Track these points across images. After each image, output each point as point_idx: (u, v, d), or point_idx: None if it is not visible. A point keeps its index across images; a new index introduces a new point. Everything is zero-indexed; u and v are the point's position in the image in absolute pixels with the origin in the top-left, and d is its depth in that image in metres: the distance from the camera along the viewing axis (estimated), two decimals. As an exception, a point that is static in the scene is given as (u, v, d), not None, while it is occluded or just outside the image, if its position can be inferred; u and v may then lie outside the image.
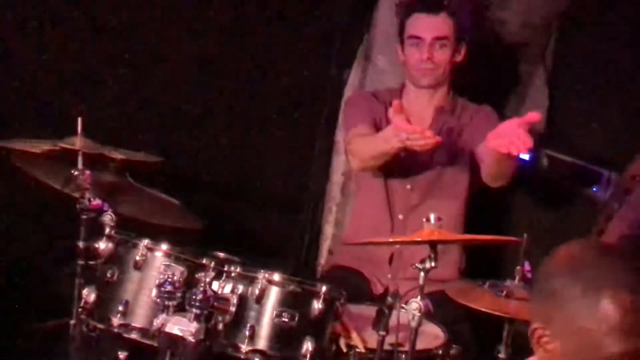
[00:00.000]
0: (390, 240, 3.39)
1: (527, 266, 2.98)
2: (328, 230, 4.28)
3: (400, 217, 3.74)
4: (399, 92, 3.86)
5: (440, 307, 3.29)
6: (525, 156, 4.03)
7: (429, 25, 3.65)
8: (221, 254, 2.98)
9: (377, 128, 3.74)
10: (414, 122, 3.62)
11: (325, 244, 4.25)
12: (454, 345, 3.14)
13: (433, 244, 2.88)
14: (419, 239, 2.95)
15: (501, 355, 3.02)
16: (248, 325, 2.84)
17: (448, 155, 3.74)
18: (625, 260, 1.86)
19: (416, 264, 2.89)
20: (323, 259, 4.23)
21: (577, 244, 1.97)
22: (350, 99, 4.08)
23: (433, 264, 2.86)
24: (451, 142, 3.73)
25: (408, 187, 3.78)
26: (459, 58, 3.75)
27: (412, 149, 3.50)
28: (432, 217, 2.94)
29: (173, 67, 4.04)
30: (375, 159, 3.67)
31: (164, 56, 4.03)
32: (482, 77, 3.90)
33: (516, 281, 3.01)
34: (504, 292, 3.03)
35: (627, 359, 1.75)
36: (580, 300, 1.76)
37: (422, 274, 2.87)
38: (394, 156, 3.59)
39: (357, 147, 3.77)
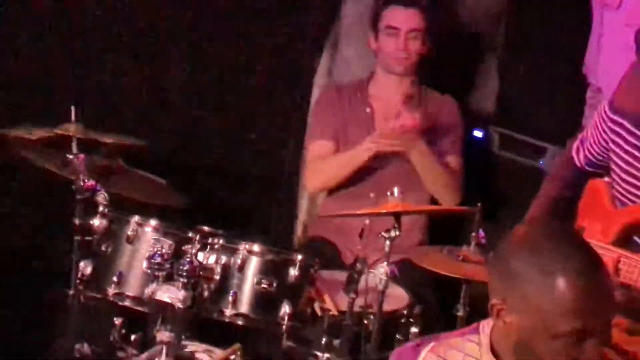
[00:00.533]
0: (358, 212, 3.29)
1: (481, 233, 2.97)
2: (303, 205, 4.24)
3: (372, 195, 3.64)
4: (366, 82, 3.83)
5: (405, 273, 3.23)
6: (479, 134, 4.04)
7: (405, 18, 3.65)
8: (205, 228, 2.96)
9: (339, 132, 3.73)
10: (384, 109, 3.71)
11: (301, 218, 4.23)
12: (417, 306, 3.15)
13: (397, 215, 2.90)
14: (384, 211, 2.97)
15: (459, 314, 3.02)
16: (231, 292, 2.87)
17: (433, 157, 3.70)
18: (578, 245, 1.84)
19: (382, 233, 2.90)
20: (299, 231, 4.20)
21: (534, 226, 1.98)
22: (316, 103, 4.00)
23: (397, 233, 2.90)
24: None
25: (378, 170, 3.71)
26: (426, 50, 3.71)
27: (382, 153, 3.56)
28: (395, 190, 2.98)
29: (159, 60, 3.98)
30: (339, 177, 3.69)
31: (152, 49, 3.98)
32: (440, 64, 3.88)
33: (472, 246, 3.00)
34: (461, 257, 3.04)
35: (577, 336, 1.74)
36: (537, 282, 1.74)
37: (387, 242, 2.88)
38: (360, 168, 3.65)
39: (317, 170, 3.79)
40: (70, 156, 2.94)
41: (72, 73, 3.66)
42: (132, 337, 2.99)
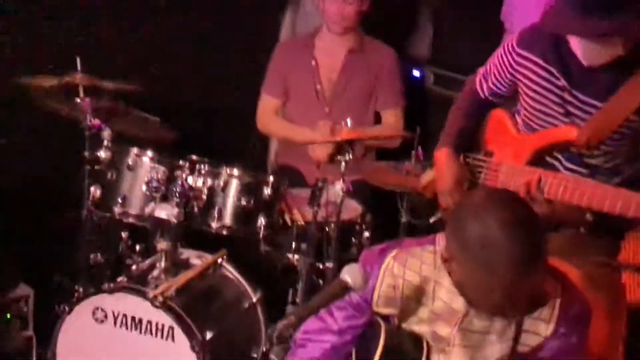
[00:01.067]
0: (318, 141, 3.37)
1: (419, 151, 2.99)
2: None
3: (327, 109, 3.63)
4: (313, 37, 3.71)
5: (358, 188, 3.27)
6: (417, 73, 3.96)
7: None
8: (193, 156, 2.99)
9: (285, 87, 3.67)
10: (328, 62, 3.62)
11: (273, 147, 4.20)
12: (368, 215, 3.21)
13: (350, 142, 2.92)
14: (338, 139, 2.98)
15: (403, 219, 3.08)
16: (216, 208, 2.92)
17: (359, 90, 3.63)
18: (514, 209, 1.79)
19: (338, 156, 2.93)
20: (272, 157, 4.18)
21: (479, 195, 1.92)
22: (271, 58, 3.79)
23: (351, 157, 2.91)
24: (361, 78, 3.62)
25: (326, 109, 3.63)
26: (365, 7, 3.57)
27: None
28: (348, 121, 2.99)
29: (154, 17, 3.85)
30: (283, 138, 3.73)
31: (144, 10, 3.82)
32: (379, 13, 3.75)
33: (412, 162, 3.02)
34: (404, 171, 3.08)
35: (507, 305, 1.77)
36: (478, 257, 1.71)
37: (342, 163, 2.90)
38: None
39: (266, 124, 3.74)
40: (78, 100, 2.95)
41: (76, 28, 3.55)
42: (137, 247, 3.07)
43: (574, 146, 2.36)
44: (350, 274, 1.78)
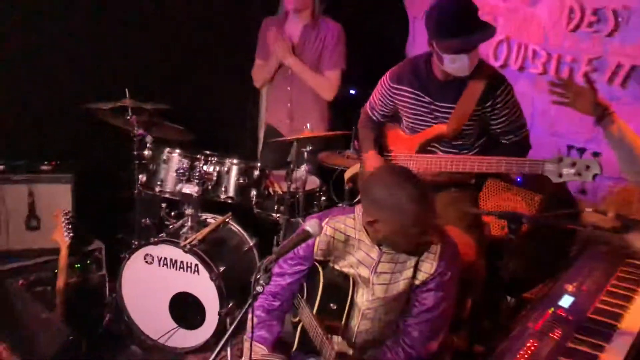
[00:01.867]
0: (288, 139, 3.23)
1: (355, 142, 3.03)
2: (261, 134, 4.17)
3: (289, 104, 3.58)
4: (285, 15, 3.53)
5: (319, 167, 3.37)
6: (352, 91, 3.85)
7: None
8: (207, 152, 3.04)
9: (268, 49, 3.53)
10: (290, 33, 3.48)
11: (262, 112, 4.19)
12: (324, 186, 3.33)
13: (310, 139, 3.05)
14: (303, 136, 3.04)
15: (346, 188, 3.17)
16: (223, 185, 3.01)
17: (311, 55, 3.47)
18: (412, 180, 1.86)
19: (302, 149, 3.04)
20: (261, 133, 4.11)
21: (384, 168, 2.04)
22: (260, 29, 3.61)
23: (311, 147, 3.06)
24: (312, 46, 3.46)
25: (288, 88, 3.57)
26: None
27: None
28: (308, 125, 3.12)
29: (174, 52, 3.80)
30: (267, 78, 3.59)
31: (171, 47, 3.77)
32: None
33: (351, 150, 3.16)
34: (347, 156, 3.25)
35: (420, 233, 1.85)
36: (391, 207, 1.79)
37: (305, 153, 3.06)
38: (276, 70, 3.51)
39: (256, 76, 3.65)
40: (128, 117, 3.01)
41: (124, 66, 3.52)
42: (172, 213, 3.19)
43: (445, 137, 2.46)
44: (310, 226, 1.82)
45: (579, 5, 3.29)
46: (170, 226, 3.13)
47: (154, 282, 2.92)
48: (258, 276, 1.61)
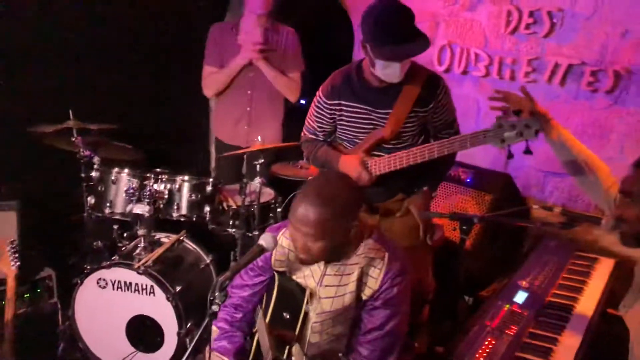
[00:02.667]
0: (240, 151, 3.18)
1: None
2: (212, 151, 4.08)
3: (248, 109, 3.54)
4: (239, 20, 3.51)
5: (273, 179, 3.37)
6: (303, 101, 3.71)
7: None
8: (157, 170, 3.00)
9: (220, 59, 3.47)
10: (250, 39, 3.43)
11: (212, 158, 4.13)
12: (279, 197, 3.32)
13: (263, 150, 3.05)
14: (254, 149, 3.05)
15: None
16: (175, 203, 2.98)
17: (273, 58, 3.46)
18: (354, 190, 1.89)
19: (254, 162, 3.04)
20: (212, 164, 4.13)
21: (321, 178, 1.96)
22: (209, 35, 3.53)
23: (262, 161, 3.06)
24: (276, 55, 3.48)
25: (249, 92, 3.52)
26: None
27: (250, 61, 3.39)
28: (259, 137, 3.13)
29: (125, 72, 3.75)
30: (225, 83, 3.50)
31: (118, 66, 3.70)
32: None
33: (304, 161, 3.18)
34: (300, 166, 3.33)
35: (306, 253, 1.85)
36: (334, 220, 1.78)
37: (258, 166, 3.03)
38: (237, 74, 3.45)
39: (210, 83, 3.53)
40: (73, 139, 2.94)
41: (68, 86, 3.45)
42: (124, 234, 3.13)
43: (385, 140, 2.45)
44: (264, 240, 1.84)
45: (516, 9, 3.40)
46: (123, 248, 3.08)
47: (109, 306, 2.86)
48: (213, 295, 1.59)
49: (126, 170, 2.98)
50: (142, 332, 2.85)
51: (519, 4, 3.40)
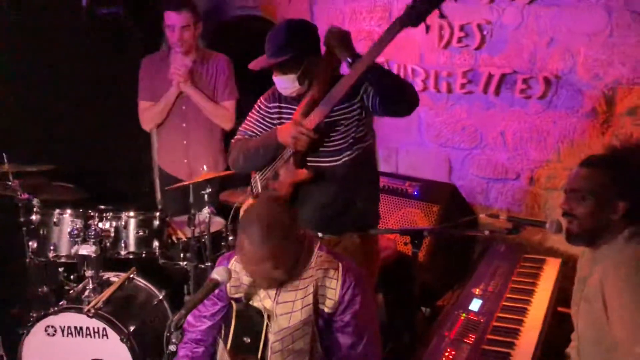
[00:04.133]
0: (187, 182, 3.19)
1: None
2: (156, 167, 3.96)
3: (185, 142, 3.53)
4: (168, 53, 3.51)
5: (222, 208, 3.30)
6: None
7: (177, 18, 3.31)
8: (101, 207, 2.97)
9: (154, 92, 3.48)
10: (177, 72, 3.41)
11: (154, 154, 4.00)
12: (229, 225, 3.21)
13: (209, 180, 3.07)
14: (200, 179, 3.07)
15: None
16: (122, 241, 2.95)
17: (205, 90, 3.46)
18: (287, 208, 1.91)
19: (202, 192, 3.04)
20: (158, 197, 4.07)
21: (254, 210, 1.91)
22: (140, 69, 3.54)
23: (210, 190, 3.07)
24: (205, 80, 3.47)
25: (184, 125, 3.53)
26: (199, 31, 3.45)
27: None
28: (204, 167, 3.15)
29: (57, 112, 3.68)
30: (161, 117, 3.50)
31: (51, 107, 3.65)
32: None
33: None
34: (243, 191, 3.02)
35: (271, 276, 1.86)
36: (285, 246, 1.80)
37: (206, 196, 3.05)
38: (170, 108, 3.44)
39: (146, 118, 3.54)
40: (10, 182, 2.90)
41: (2, 129, 3.37)
42: (71, 277, 3.06)
43: (316, 99, 2.33)
44: (218, 274, 1.85)
45: (447, 24, 3.51)
46: (71, 291, 2.98)
47: (59, 354, 2.78)
48: (168, 334, 1.57)
49: (68, 211, 2.93)
50: (97, 377, 2.76)
51: (450, 19, 3.51)
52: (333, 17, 3.94)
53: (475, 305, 2.40)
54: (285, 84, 2.36)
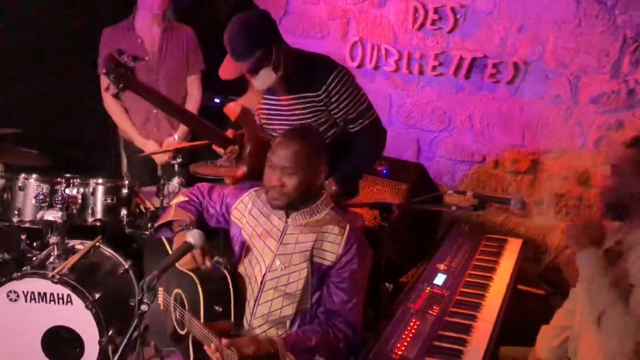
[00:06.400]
0: (160, 150, 3.26)
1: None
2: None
3: (155, 111, 3.45)
4: (132, 20, 3.42)
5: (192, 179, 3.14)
6: (217, 100, 3.76)
7: None
8: (67, 174, 2.93)
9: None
10: (149, 39, 3.40)
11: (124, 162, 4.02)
12: None
13: (178, 149, 3.09)
14: (172, 148, 3.11)
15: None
16: (90, 207, 2.91)
17: (176, 58, 3.47)
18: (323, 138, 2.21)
19: (171, 161, 3.05)
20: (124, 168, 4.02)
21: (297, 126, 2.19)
22: (102, 41, 3.44)
23: (180, 160, 3.05)
24: (176, 50, 3.46)
25: (154, 77, 3.42)
26: None
27: None
28: (175, 136, 3.14)
29: (21, 66, 3.61)
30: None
31: (18, 68, 3.57)
32: None
33: (224, 159, 2.93)
34: (219, 165, 3.07)
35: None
36: (308, 155, 1.99)
37: (176, 165, 3.03)
38: None
39: (110, 109, 3.49)
40: None
41: None
42: (34, 244, 2.96)
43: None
44: (192, 237, 1.88)
45: (422, 5, 3.55)
46: (34, 258, 2.90)
47: (21, 320, 2.73)
48: (140, 296, 1.58)
49: (34, 176, 2.88)
50: (60, 344, 2.74)
51: (425, 0, 3.55)
52: (308, -7, 3.93)
53: (439, 279, 2.46)
54: (263, 79, 2.35)
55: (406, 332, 2.07)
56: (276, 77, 2.35)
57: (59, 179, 2.88)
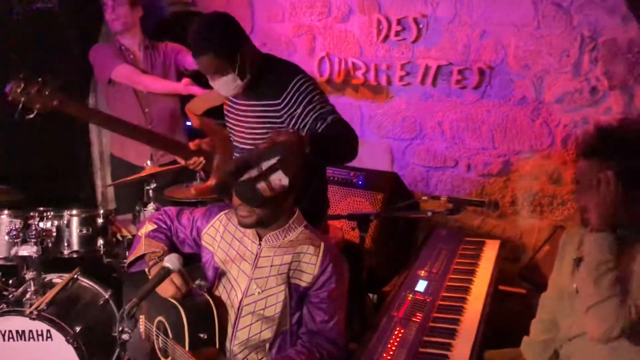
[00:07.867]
0: (128, 178, 3.16)
1: (202, 174, 2.94)
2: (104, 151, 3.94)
3: (150, 126, 3.42)
4: (118, 40, 3.48)
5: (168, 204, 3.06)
6: (189, 123, 3.63)
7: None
8: (41, 208, 2.89)
9: (116, 53, 3.43)
10: (135, 52, 3.47)
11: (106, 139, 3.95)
12: None
13: (154, 174, 3.00)
14: (147, 174, 3.00)
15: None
16: (65, 239, 2.86)
17: (162, 69, 3.50)
18: None
19: (146, 187, 2.99)
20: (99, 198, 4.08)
21: None
22: (95, 52, 3.50)
23: (154, 185, 3.02)
24: (160, 70, 3.50)
25: (147, 110, 3.49)
26: (138, 14, 3.47)
27: None
28: (149, 162, 3.03)
29: None
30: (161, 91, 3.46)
31: None
32: None
33: (197, 181, 3.06)
34: (189, 187, 3.06)
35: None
36: None
37: (150, 191, 2.99)
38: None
39: (144, 80, 3.43)
40: None
41: None
42: (10, 281, 2.91)
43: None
44: (169, 261, 1.86)
45: (385, 18, 3.59)
46: (10, 296, 2.85)
47: (1, 360, 2.71)
48: (121, 325, 1.57)
49: (6, 211, 2.84)
50: (42, 381, 2.67)
51: (387, 13, 3.60)
52: (273, 12, 3.95)
53: (421, 286, 2.47)
54: (227, 85, 2.27)
55: (391, 341, 2.06)
56: (239, 84, 2.26)
57: (32, 213, 2.84)
